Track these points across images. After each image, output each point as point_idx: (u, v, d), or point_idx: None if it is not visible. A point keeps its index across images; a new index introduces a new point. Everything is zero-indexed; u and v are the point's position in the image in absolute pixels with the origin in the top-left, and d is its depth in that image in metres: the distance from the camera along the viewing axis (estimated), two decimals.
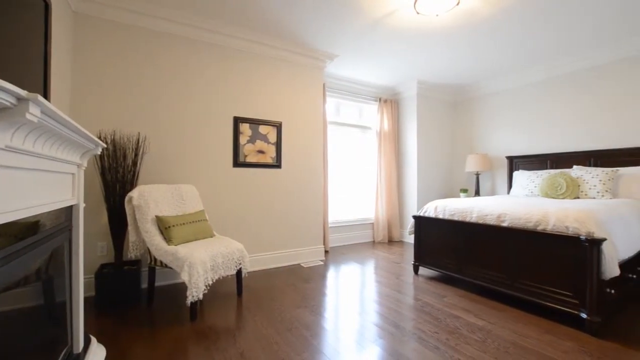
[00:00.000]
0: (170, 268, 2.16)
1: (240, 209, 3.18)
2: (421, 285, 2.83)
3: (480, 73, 4.28)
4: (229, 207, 3.11)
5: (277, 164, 3.39)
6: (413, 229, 3.20)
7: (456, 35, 3.16)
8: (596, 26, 2.92)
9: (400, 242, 4.78)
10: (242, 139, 3.17)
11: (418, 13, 2.63)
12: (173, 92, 2.83)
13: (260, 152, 3.28)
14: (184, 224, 2.37)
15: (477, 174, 4.56)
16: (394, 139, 4.92)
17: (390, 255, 3.97)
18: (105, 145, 1.58)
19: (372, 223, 4.84)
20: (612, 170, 3.11)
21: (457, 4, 2.49)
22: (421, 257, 3.10)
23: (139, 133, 2.67)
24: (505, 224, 2.43)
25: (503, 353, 1.72)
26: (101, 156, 2.34)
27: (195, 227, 2.44)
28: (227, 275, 2.79)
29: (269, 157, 3.34)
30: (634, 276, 2.42)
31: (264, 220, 3.33)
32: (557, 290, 2.07)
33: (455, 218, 2.82)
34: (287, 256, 3.46)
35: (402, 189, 4.99)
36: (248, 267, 2.44)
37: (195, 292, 1.99)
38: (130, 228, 2.37)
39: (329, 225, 4.36)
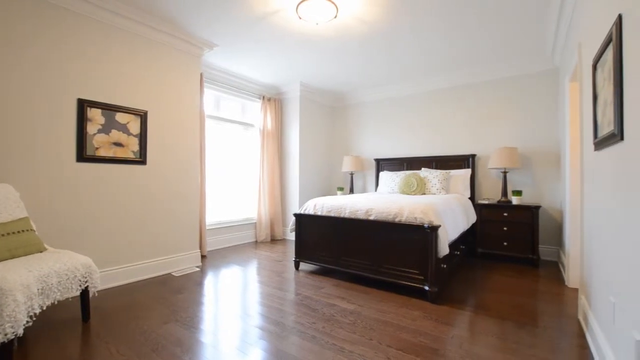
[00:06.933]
0: None
1: (89, 214, 2.57)
2: (301, 280, 2.93)
3: (354, 83, 4.77)
4: (72, 213, 2.47)
5: (140, 160, 2.89)
6: (294, 226, 3.29)
7: (334, 46, 3.41)
8: (433, 60, 3.68)
9: (283, 240, 4.85)
10: (91, 128, 2.56)
11: (300, 18, 2.70)
12: None
13: (118, 144, 2.73)
14: None
15: (352, 174, 5.09)
16: (277, 138, 4.97)
17: (273, 253, 3.97)
18: None
19: (255, 223, 4.75)
20: (446, 172, 3.98)
21: (335, 17, 2.67)
22: (301, 253, 3.21)
23: None
24: (372, 218, 2.76)
25: (369, 330, 1.94)
26: None
27: (12, 241, 1.81)
28: (68, 298, 2.21)
29: (130, 151, 2.82)
30: (458, 253, 3.15)
31: (123, 227, 2.78)
32: (409, 270, 2.49)
33: (332, 214, 3.04)
34: (155, 266, 3.00)
35: (284, 187, 5.08)
36: (98, 285, 1.97)
37: (11, 327, 1.46)
38: None
39: (207, 228, 4.04)
